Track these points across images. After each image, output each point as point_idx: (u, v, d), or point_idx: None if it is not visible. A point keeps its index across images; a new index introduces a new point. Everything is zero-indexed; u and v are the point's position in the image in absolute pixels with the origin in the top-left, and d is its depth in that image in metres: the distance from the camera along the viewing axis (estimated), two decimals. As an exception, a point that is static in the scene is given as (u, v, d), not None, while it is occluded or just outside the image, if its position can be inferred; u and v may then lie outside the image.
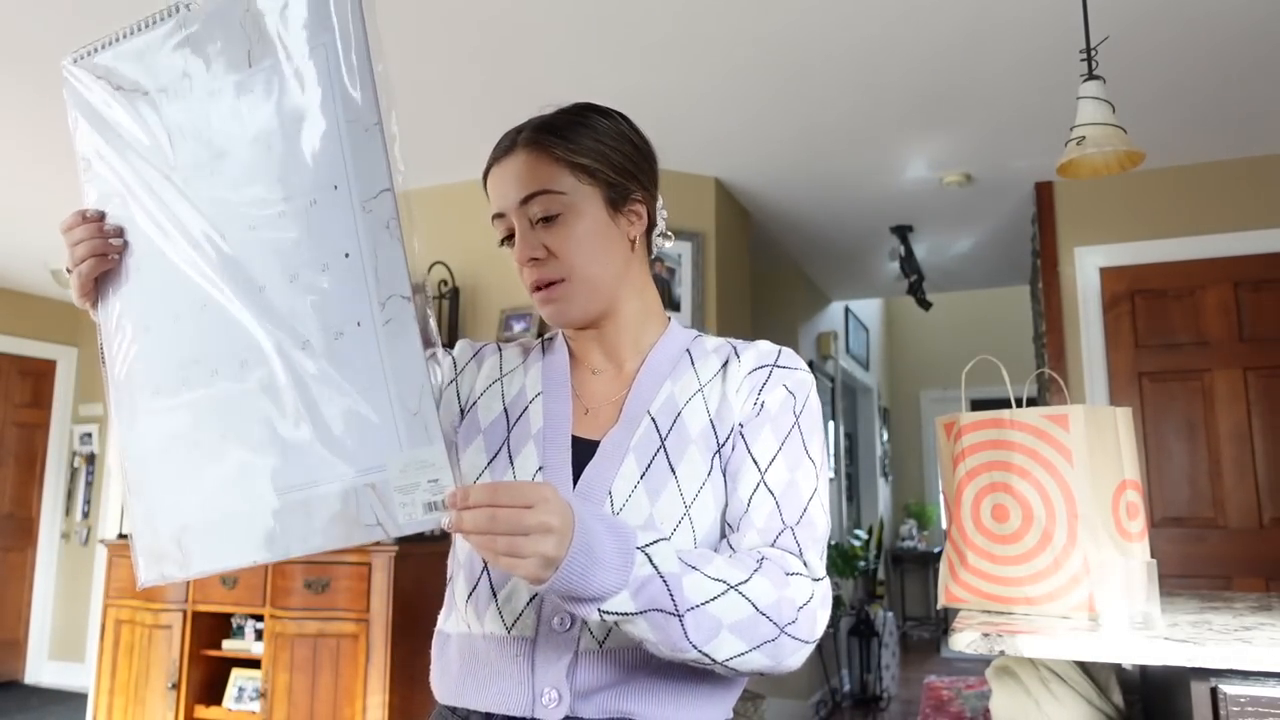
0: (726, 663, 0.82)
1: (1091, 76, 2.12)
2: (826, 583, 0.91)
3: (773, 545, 0.90)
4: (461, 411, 1.04)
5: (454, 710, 0.94)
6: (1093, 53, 2.13)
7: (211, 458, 0.82)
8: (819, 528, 0.93)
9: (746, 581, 0.83)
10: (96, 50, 0.89)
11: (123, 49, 0.88)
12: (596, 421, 0.99)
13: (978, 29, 2.66)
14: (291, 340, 0.79)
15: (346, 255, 0.77)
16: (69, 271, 0.86)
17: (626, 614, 0.78)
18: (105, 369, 0.87)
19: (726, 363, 1.01)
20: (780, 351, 1.01)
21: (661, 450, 0.94)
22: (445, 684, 0.96)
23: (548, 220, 0.95)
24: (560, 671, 0.87)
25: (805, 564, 0.89)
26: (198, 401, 0.83)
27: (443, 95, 3.09)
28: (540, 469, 0.94)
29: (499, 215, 0.98)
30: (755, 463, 0.93)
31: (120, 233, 0.85)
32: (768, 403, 0.96)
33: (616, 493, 0.91)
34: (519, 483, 0.79)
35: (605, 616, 0.77)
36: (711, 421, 0.96)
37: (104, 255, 0.85)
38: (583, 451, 0.96)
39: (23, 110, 3.21)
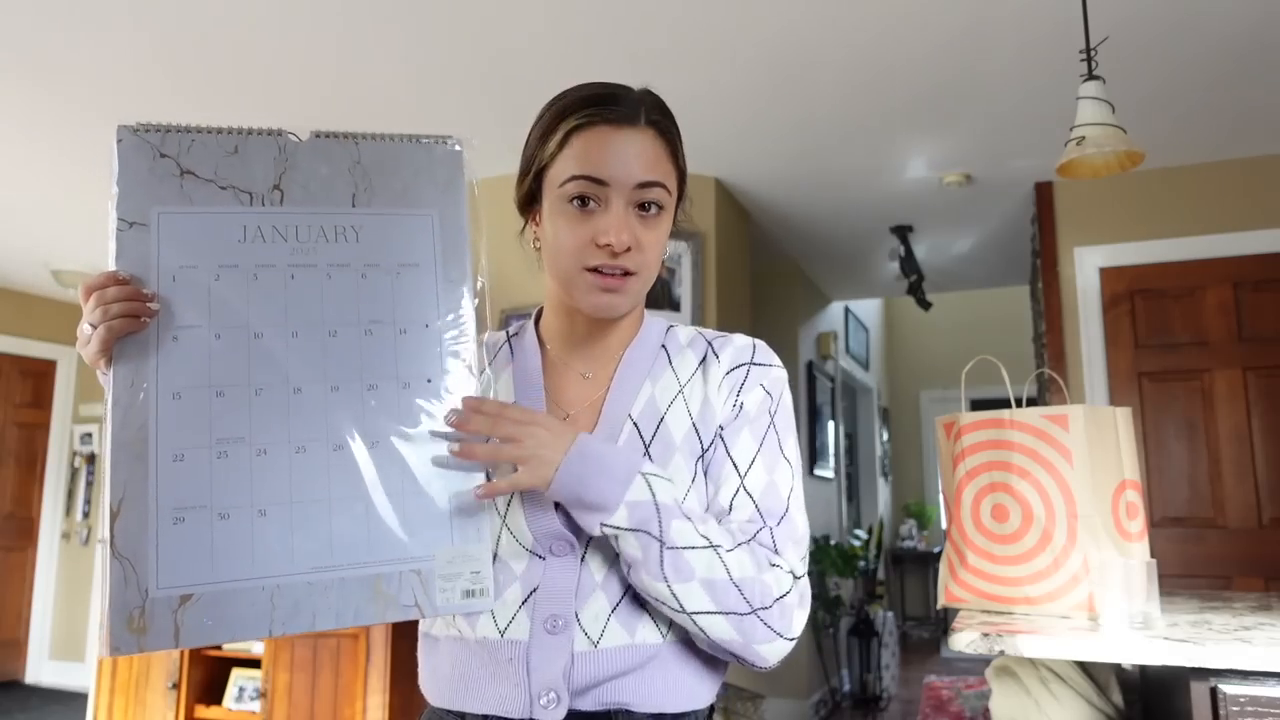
0: (694, 616, 0.86)
1: (1091, 76, 2.12)
2: (806, 583, 0.93)
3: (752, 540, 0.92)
4: None
5: (449, 712, 0.94)
6: (1092, 53, 2.13)
7: (240, 529, 0.83)
8: (799, 528, 0.95)
9: (729, 550, 0.88)
10: (166, 130, 0.89)
11: (207, 141, 0.90)
12: (574, 427, 0.96)
13: (977, 29, 2.66)
14: (362, 439, 0.87)
15: (429, 380, 0.90)
16: (92, 327, 0.83)
17: (620, 528, 0.85)
18: (107, 427, 0.84)
19: (704, 360, 1.00)
20: (755, 347, 1.01)
21: (646, 457, 0.94)
22: (436, 686, 0.97)
23: (647, 211, 0.93)
24: (557, 673, 0.88)
25: (783, 561, 0.92)
26: (232, 475, 0.84)
27: (443, 96, 3.09)
28: None
29: (596, 181, 0.91)
30: (735, 466, 0.95)
31: (154, 298, 0.84)
32: (746, 404, 0.97)
33: None
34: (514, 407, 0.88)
35: (604, 529, 0.85)
36: (695, 425, 0.96)
37: (137, 318, 0.83)
38: None
39: (23, 111, 3.21)
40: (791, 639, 0.89)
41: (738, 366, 0.98)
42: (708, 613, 0.86)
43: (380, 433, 0.88)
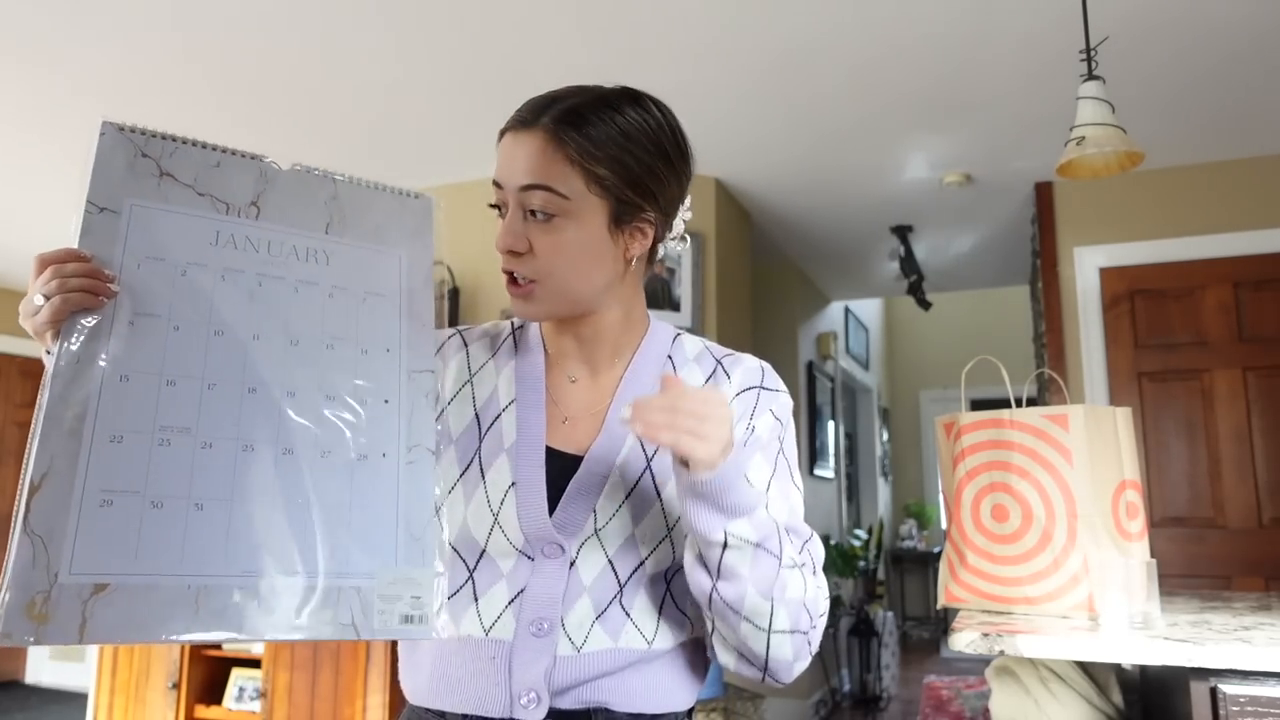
0: (773, 634, 0.85)
1: (1091, 77, 2.12)
2: (824, 600, 0.95)
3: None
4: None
5: (428, 711, 0.93)
6: (1092, 53, 2.13)
7: (173, 520, 0.78)
8: (820, 556, 0.95)
9: (799, 567, 0.88)
10: (151, 135, 0.90)
11: (191, 152, 0.91)
12: (574, 433, 0.96)
13: (978, 29, 2.67)
14: (313, 446, 0.85)
15: (386, 401, 0.90)
16: (45, 298, 0.80)
17: (746, 540, 0.82)
18: (42, 399, 0.78)
19: (713, 376, 0.99)
20: (764, 371, 1.00)
21: (648, 471, 0.92)
22: (416, 684, 0.95)
23: (541, 217, 0.89)
24: (539, 674, 0.88)
25: (821, 580, 0.93)
26: (172, 464, 0.79)
27: (445, 95, 3.09)
28: (513, 484, 0.92)
29: (497, 185, 0.92)
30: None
31: (114, 279, 0.81)
32: (758, 428, 0.96)
33: (600, 510, 0.91)
34: (699, 390, 0.81)
35: (730, 537, 0.81)
36: None
37: (95, 295, 0.80)
38: (558, 464, 0.93)
39: (22, 110, 3.21)
40: (808, 656, 0.91)
41: (748, 389, 0.97)
42: (784, 631, 0.86)
43: (331, 444, 0.86)
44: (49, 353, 0.81)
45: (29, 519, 0.73)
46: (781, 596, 0.84)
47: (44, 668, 5.97)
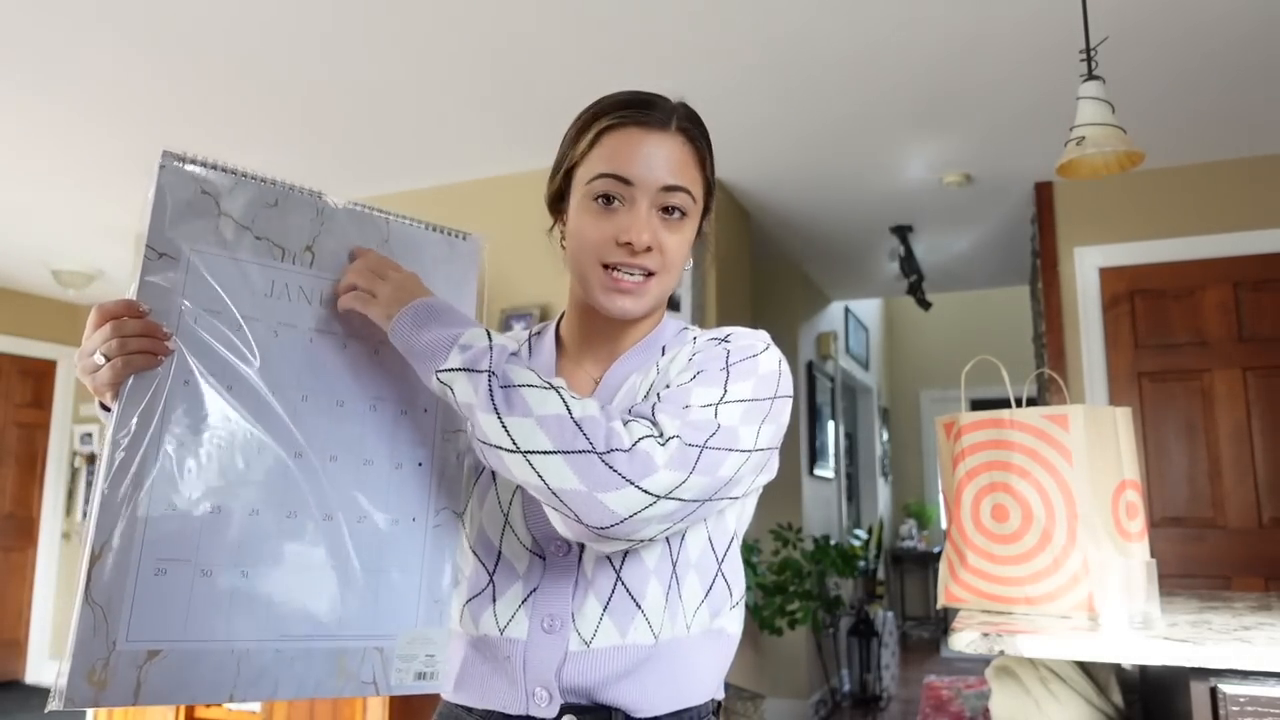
0: (530, 456, 0.78)
1: (1091, 77, 2.12)
2: (687, 448, 0.81)
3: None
4: None
5: (458, 706, 0.96)
6: (1092, 53, 2.13)
7: (220, 588, 0.81)
8: (694, 414, 0.84)
9: (576, 398, 0.81)
10: (212, 167, 0.88)
11: (249, 187, 0.90)
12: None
13: (978, 29, 2.67)
14: (350, 512, 0.88)
15: (419, 464, 0.93)
16: (105, 359, 0.79)
17: (451, 369, 0.81)
18: (101, 465, 0.80)
19: (687, 346, 0.99)
20: (734, 331, 0.96)
21: None
22: (446, 681, 0.98)
23: (670, 214, 0.93)
24: (549, 671, 0.89)
25: (654, 423, 0.83)
26: (222, 533, 0.82)
27: (447, 96, 3.09)
28: (519, 486, 0.91)
29: (622, 180, 0.91)
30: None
31: (170, 337, 0.82)
32: (697, 359, 0.92)
33: None
34: (372, 256, 0.93)
35: (439, 376, 0.82)
36: (646, 395, 0.95)
37: (154, 355, 0.80)
38: None
39: (24, 110, 3.21)
40: (649, 492, 0.78)
41: (708, 341, 0.96)
42: (544, 452, 0.77)
43: (367, 509, 0.89)
44: (105, 409, 0.83)
45: (90, 589, 0.76)
46: (517, 412, 0.78)
47: (44, 668, 5.97)
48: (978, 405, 2.04)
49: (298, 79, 2.98)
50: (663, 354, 1.01)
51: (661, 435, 0.82)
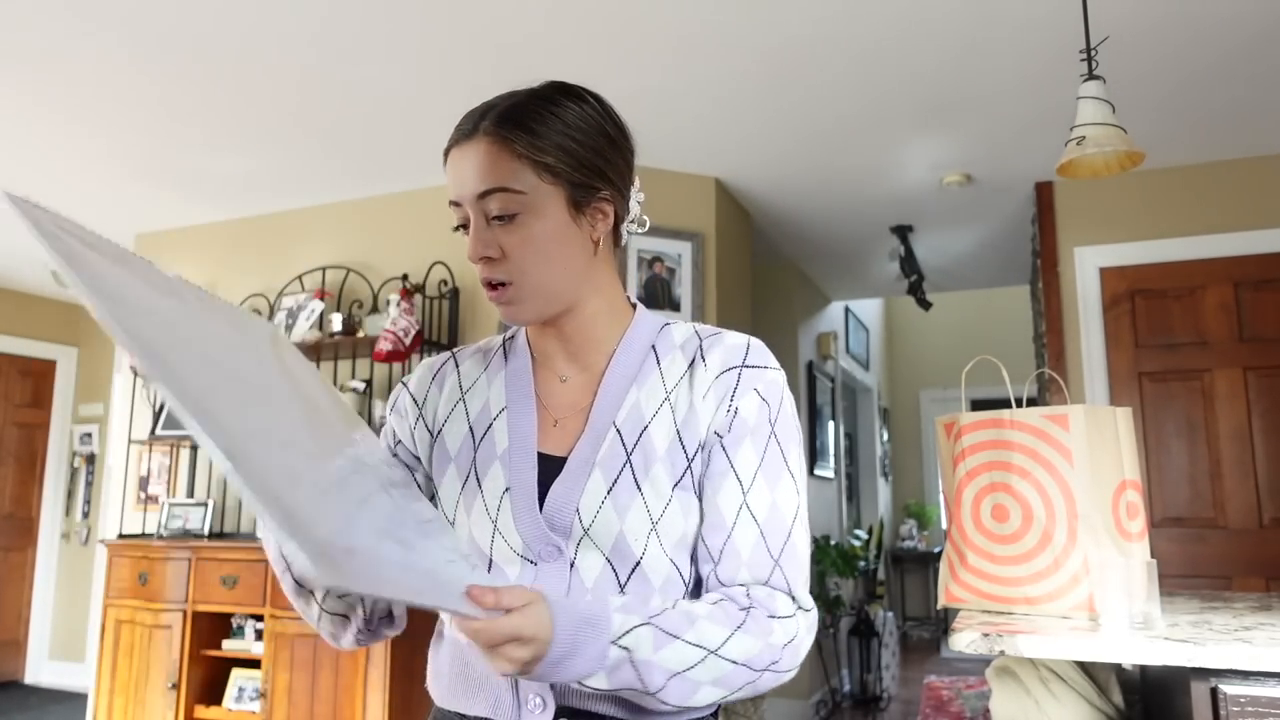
0: (710, 705, 0.88)
1: (1091, 76, 2.12)
2: (814, 612, 0.93)
3: (764, 584, 0.91)
4: (431, 437, 1.01)
5: (449, 713, 0.95)
6: (1093, 53, 2.13)
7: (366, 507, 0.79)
8: (802, 556, 0.93)
9: (727, 641, 0.85)
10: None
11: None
12: (564, 434, 0.95)
13: (978, 29, 2.66)
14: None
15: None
16: None
17: (602, 690, 0.82)
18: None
19: (693, 363, 0.96)
20: (749, 348, 0.96)
21: (628, 465, 0.91)
22: (439, 686, 0.98)
23: (503, 219, 0.90)
24: (545, 686, 0.89)
25: (794, 599, 0.92)
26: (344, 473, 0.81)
27: (444, 94, 3.09)
28: (507, 490, 0.92)
29: (454, 204, 0.93)
30: (738, 480, 0.92)
31: None
32: (742, 410, 0.93)
33: (584, 509, 0.90)
34: (509, 589, 0.77)
35: (584, 686, 0.81)
36: (679, 434, 0.93)
37: None
38: (550, 468, 0.93)
39: (23, 110, 3.21)
40: (796, 669, 0.91)
41: (728, 370, 0.94)
42: (722, 697, 0.87)
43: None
44: None
45: (265, 493, 0.65)
46: (688, 695, 0.84)
47: (44, 668, 5.97)
48: (978, 405, 2.04)
49: (294, 79, 2.98)
50: (655, 358, 0.98)
51: (799, 609, 0.91)
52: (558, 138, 0.92)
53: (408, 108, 3.20)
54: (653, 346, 0.99)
